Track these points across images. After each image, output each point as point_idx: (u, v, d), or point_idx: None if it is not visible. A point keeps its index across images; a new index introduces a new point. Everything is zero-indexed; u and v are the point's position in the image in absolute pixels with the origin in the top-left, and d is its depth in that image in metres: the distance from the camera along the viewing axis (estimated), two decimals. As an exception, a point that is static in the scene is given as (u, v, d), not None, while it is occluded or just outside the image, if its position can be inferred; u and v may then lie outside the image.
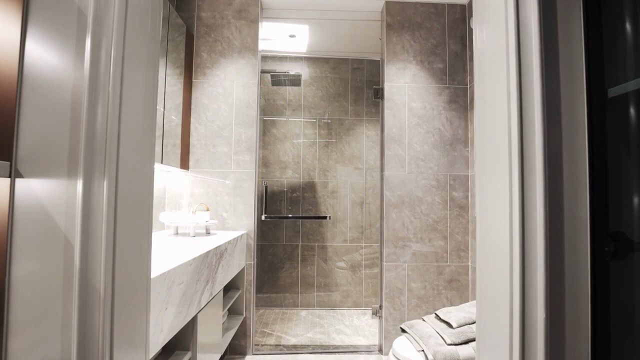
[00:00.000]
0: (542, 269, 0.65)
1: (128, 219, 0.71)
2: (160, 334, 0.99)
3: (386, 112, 2.32)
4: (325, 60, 3.31)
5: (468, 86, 2.35)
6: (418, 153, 2.31)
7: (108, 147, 0.66)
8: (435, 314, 1.50)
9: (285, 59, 3.30)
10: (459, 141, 2.33)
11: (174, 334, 1.11)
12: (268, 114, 3.27)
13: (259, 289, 3.17)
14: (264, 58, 3.26)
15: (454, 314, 1.43)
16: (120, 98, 0.69)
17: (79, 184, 0.63)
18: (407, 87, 2.34)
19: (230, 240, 1.80)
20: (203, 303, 1.38)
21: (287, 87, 3.24)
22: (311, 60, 3.31)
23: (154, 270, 0.98)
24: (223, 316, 1.99)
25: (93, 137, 0.65)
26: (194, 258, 1.25)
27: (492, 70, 0.78)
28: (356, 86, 3.31)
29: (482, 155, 0.84)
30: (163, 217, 1.90)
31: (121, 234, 0.68)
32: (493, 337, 0.73)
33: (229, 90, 2.30)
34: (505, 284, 0.69)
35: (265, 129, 3.27)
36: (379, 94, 2.38)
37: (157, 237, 1.85)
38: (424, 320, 1.52)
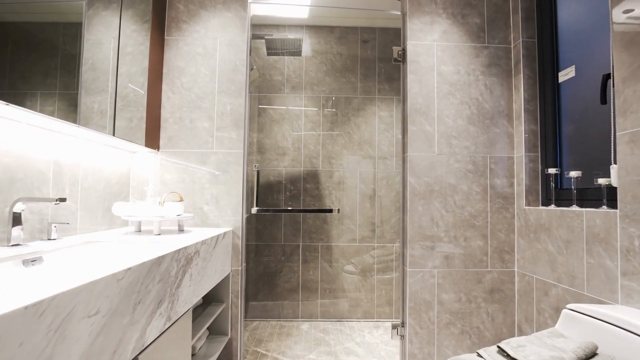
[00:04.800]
0: None
1: None
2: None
3: (409, 77, 1.83)
4: (330, 30, 2.83)
5: (512, 45, 1.87)
6: (450, 129, 1.83)
7: None
8: (499, 347, 1.02)
9: (283, 27, 2.81)
10: (501, 114, 1.85)
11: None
12: (263, 91, 2.79)
13: (253, 297, 2.69)
14: (257, 26, 2.78)
15: (531, 349, 0.95)
16: None
17: None
18: (435, 46, 1.85)
19: (205, 240, 1.33)
20: (152, 336, 0.91)
21: (286, 57, 2.76)
22: (314, 29, 2.82)
23: (16, 299, 0.51)
24: (198, 340, 1.51)
25: None
26: (129, 269, 0.78)
27: None
28: (366, 59, 2.83)
29: None
30: (116, 208, 1.42)
31: None
32: None
33: (210, 50, 1.82)
34: None
35: (260, 109, 2.79)
36: (399, 55, 1.89)
37: (104, 236, 1.37)
38: (480, 357, 1.04)
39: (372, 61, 2.83)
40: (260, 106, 2.78)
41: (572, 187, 1.49)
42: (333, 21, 2.80)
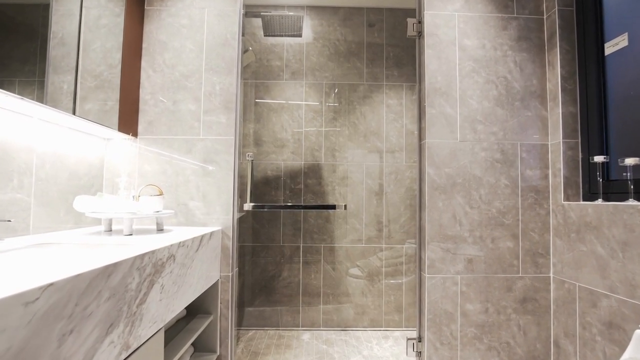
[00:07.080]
0: None
1: None
2: None
3: (427, 52, 1.58)
4: (334, 10, 2.58)
5: (545, 16, 1.62)
6: (474, 112, 1.58)
7: None
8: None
9: (282, 7, 2.56)
10: (533, 95, 1.60)
11: None
12: (260, 77, 2.54)
13: (249, 303, 2.45)
14: (252, 6, 2.54)
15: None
16: None
17: None
18: (457, 17, 1.60)
19: (184, 241, 1.08)
20: (98, 373, 0.66)
21: (285, 39, 2.51)
22: (315, 10, 2.58)
23: None
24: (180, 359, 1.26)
25: None
26: (50, 285, 0.53)
27: None
28: (373, 42, 2.58)
29: None
30: (78, 203, 1.17)
31: None
32: None
33: (197, 21, 1.57)
34: None
35: (257, 98, 2.54)
36: (415, 28, 1.65)
37: (64, 237, 1.13)
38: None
39: (379, 45, 2.58)
40: (257, 100, 2.53)
41: (629, 177, 1.24)
42: (337, 1, 2.56)
